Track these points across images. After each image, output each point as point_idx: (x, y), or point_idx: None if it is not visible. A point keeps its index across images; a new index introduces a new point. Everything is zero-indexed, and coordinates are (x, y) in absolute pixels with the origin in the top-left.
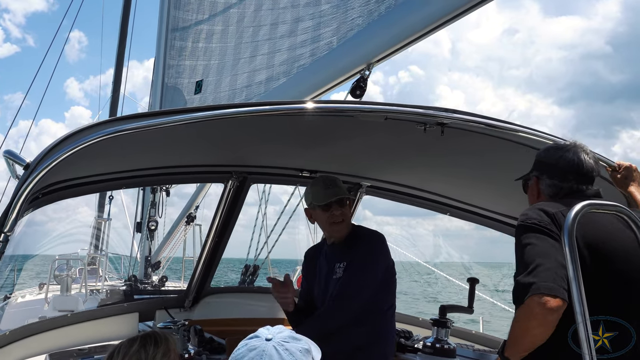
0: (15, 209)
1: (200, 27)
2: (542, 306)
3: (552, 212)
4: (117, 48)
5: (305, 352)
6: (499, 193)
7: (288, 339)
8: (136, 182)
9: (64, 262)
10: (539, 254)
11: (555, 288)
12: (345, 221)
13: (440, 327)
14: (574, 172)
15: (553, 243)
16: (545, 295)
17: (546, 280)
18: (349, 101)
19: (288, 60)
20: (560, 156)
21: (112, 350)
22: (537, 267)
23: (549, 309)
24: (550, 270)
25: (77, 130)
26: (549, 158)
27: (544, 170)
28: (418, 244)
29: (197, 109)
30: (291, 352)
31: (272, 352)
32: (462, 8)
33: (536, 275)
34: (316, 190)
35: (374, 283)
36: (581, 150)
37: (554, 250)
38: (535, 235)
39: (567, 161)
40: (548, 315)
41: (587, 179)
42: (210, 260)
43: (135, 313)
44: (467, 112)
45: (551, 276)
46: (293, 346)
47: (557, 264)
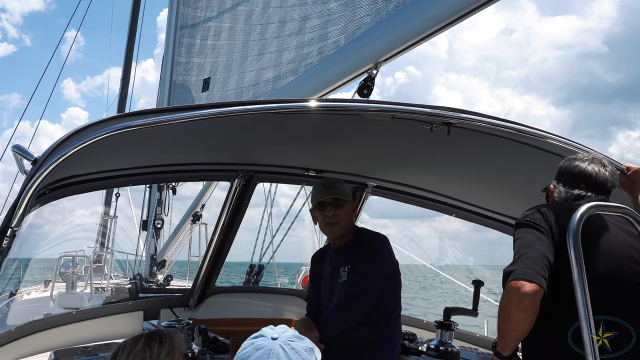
0: (22, 204)
1: (209, 24)
2: (517, 290)
3: (544, 210)
4: (126, 46)
5: (310, 350)
6: (505, 194)
7: (293, 338)
8: (143, 179)
9: (69, 260)
10: (524, 245)
11: (532, 274)
12: (339, 223)
13: (445, 330)
14: (586, 181)
15: (539, 236)
16: (521, 280)
17: (525, 267)
18: (355, 100)
19: (296, 59)
20: (575, 166)
21: (117, 348)
22: (520, 256)
23: (524, 293)
24: (531, 259)
25: (85, 126)
26: (567, 167)
27: (561, 178)
28: (416, 246)
29: (204, 106)
30: (297, 351)
31: (279, 350)
32: (468, 8)
33: (518, 264)
34: (315, 191)
35: (377, 286)
36: (598, 162)
37: (538, 242)
38: (524, 229)
39: (581, 170)
40: (523, 298)
41: (598, 188)
42: (216, 259)
43: (139, 311)
44: (473, 112)
45: (530, 264)
46: (299, 345)
47: (538, 253)
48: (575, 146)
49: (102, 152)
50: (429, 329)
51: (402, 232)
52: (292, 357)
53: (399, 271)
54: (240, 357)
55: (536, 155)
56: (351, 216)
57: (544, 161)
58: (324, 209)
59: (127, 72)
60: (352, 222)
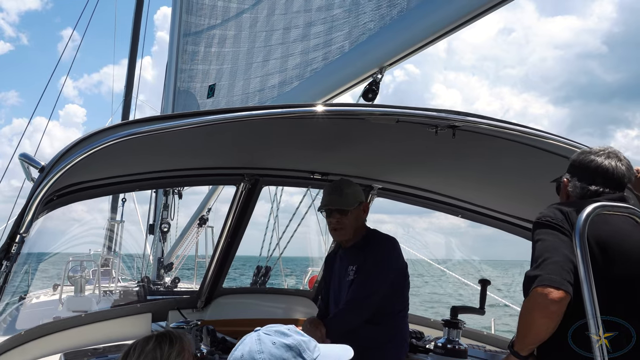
0: (30, 210)
1: (213, 32)
2: (544, 297)
3: (566, 210)
4: (129, 52)
5: (286, 347)
6: (510, 195)
7: (272, 332)
8: (149, 184)
9: (77, 264)
10: (547, 249)
11: (559, 280)
12: (344, 229)
13: (452, 328)
14: (603, 176)
15: (563, 238)
16: (548, 287)
17: (550, 273)
18: (360, 104)
19: (301, 64)
20: (591, 160)
21: (128, 348)
22: (544, 260)
23: (551, 300)
24: (557, 264)
25: (92, 133)
26: (582, 161)
27: (575, 172)
28: (414, 241)
29: (211, 112)
30: (262, 342)
31: (252, 341)
32: (473, 13)
33: (543, 268)
34: (323, 194)
35: (384, 287)
36: (614, 155)
37: (563, 245)
38: (546, 231)
39: (597, 165)
40: (550, 305)
41: (615, 184)
42: (223, 261)
43: (148, 313)
44: (478, 115)
45: (556, 269)
46: (270, 338)
47: (564, 257)
48: (579, 148)
49: (108, 159)
50: (436, 327)
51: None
52: (254, 348)
53: (407, 272)
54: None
55: (541, 157)
56: (358, 220)
57: (548, 163)
58: (329, 215)
59: (130, 78)
60: (360, 224)
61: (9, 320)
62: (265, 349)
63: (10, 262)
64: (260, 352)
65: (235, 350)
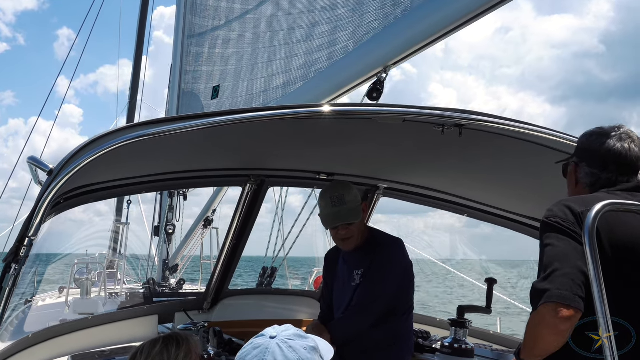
0: (39, 213)
1: (217, 33)
2: (554, 315)
3: (578, 211)
4: (135, 54)
5: (312, 349)
6: (517, 194)
7: (293, 337)
8: (155, 186)
9: (83, 266)
10: (558, 257)
11: (570, 297)
12: (353, 237)
13: (459, 328)
14: (615, 162)
15: (575, 246)
16: (559, 305)
17: (561, 288)
18: (366, 104)
19: (305, 65)
20: (602, 143)
21: (135, 351)
22: (554, 272)
23: (562, 318)
24: (567, 277)
25: (99, 137)
26: (591, 144)
27: (584, 157)
28: (412, 240)
29: (218, 113)
30: (295, 349)
31: (275, 349)
32: (477, 11)
33: (552, 281)
34: (322, 207)
35: (392, 291)
36: (627, 137)
37: (574, 253)
38: (556, 235)
39: (609, 148)
40: (560, 324)
41: (630, 169)
42: (229, 262)
43: (154, 315)
44: (485, 114)
45: (567, 283)
46: (297, 343)
47: (575, 269)
48: None
49: (115, 161)
50: (443, 327)
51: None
52: (289, 355)
53: (412, 272)
54: (239, 357)
55: (548, 155)
56: (362, 223)
57: (556, 160)
58: (336, 228)
59: (135, 81)
60: (364, 227)
61: (16, 323)
62: (303, 356)
63: (19, 265)
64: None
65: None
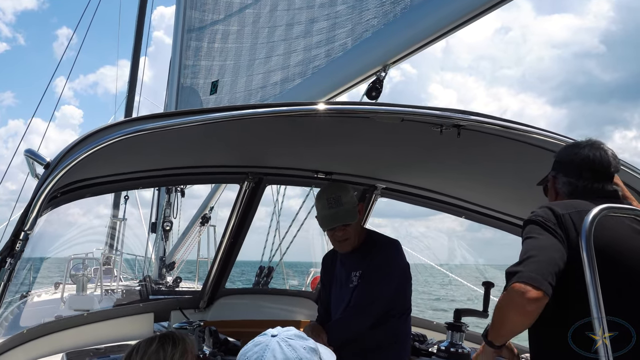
0: (35, 207)
1: (216, 27)
2: (521, 295)
3: (559, 213)
4: (133, 51)
5: (311, 350)
6: (515, 196)
7: (293, 337)
8: (153, 182)
9: (79, 262)
10: (535, 247)
11: (539, 279)
12: (349, 239)
13: (455, 331)
14: (589, 169)
15: (554, 241)
16: (527, 284)
17: (532, 271)
18: (364, 103)
19: (303, 61)
20: (575, 153)
21: (131, 350)
22: (528, 258)
23: (528, 299)
24: (540, 263)
25: (97, 130)
26: (565, 156)
27: (560, 168)
28: (413, 244)
29: (214, 109)
30: (294, 348)
31: (275, 346)
32: (477, 10)
33: (525, 265)
34: (319, 209)
35: (389, 292)
36: (597, 146)
37: (550, 247)
38: (538, 229)
39: (582, 157)
40: (527, 305)
41: (603, 175)
42: (225, 261)
43: (150, 313)
44: (484, 114)
45: (539, 268)
46: (297, 343)
47: (549, 258)
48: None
49: (113, 156)
50: (439, 330)
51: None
52: (288, 354)
53: (410, 274)
54: (241, 354)
55: (547, 157)
56: (360, 225)
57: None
58: (333, 229)
59: (134, 76)
60: (360, 228)
61: (11, 319)
62: (303, 355)
63: (15, 260)
64: (299, 358)
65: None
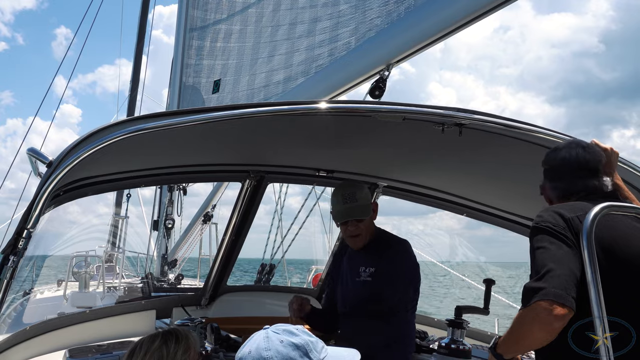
0: (38, 205)
1: (219, 26)
2: (548, 312)
3: (568, 217)
4: (135, 49)
5: (290, 345)
6: (516, 194)
7: (280, 331)
8: (155, 180)
9: (82, 260)
10: (552, 259)
11: (564, 296)
12: (361, 234)
13: (456, 328)
14: (567, 170)
15: (567, 250)
16: (553, 302)
17: (556, 287)
18: (366, 101)
19: (306, 61)
20: (553, 158)
21: (134, 346)
22: (548, 272)
23: (555, 316)
24: (561, 277)
25: (100, 129)
26: (545, 162)
27: (547, 175)
28: (415, 241)
29: (216, 108)
30: (270, 340)
31: (258, 337)
32: (481, 10)
33: (547, 281)
34: (334, 203)
35: (398, 290)
36: (576, 145)
37: (567, 257)
38: (549, 239)
39: (561, 160)
40: (554, 322)
41: (587, 172)
42: (227, 258)
43: (152, 310)
44: (485, 113)
45: (562, 284)
46: (276, 336)
47: (569, 271)
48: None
49: (115, 154)
50: (440, 327)
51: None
52: (261, 344)
53: (419, 273)
54: (240, 348)
55: None
56: (372, 223)
57: None
58: (346, 224)
59: (136, 75)
60: (373, 226)
61: (14, 316)
62: (273, 347)
63: (18, 257)
64: (268, 349)
65: (244, 347)
